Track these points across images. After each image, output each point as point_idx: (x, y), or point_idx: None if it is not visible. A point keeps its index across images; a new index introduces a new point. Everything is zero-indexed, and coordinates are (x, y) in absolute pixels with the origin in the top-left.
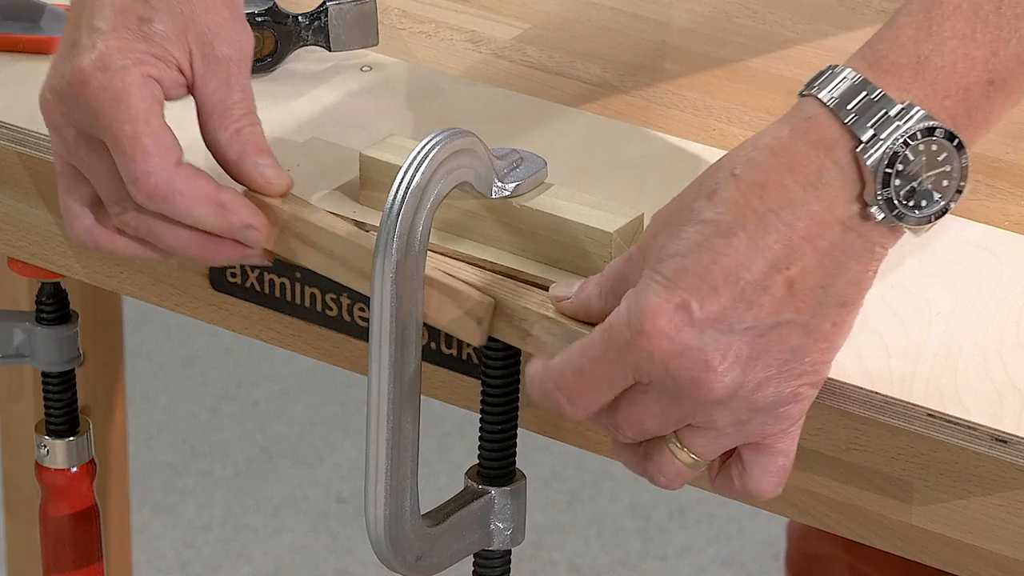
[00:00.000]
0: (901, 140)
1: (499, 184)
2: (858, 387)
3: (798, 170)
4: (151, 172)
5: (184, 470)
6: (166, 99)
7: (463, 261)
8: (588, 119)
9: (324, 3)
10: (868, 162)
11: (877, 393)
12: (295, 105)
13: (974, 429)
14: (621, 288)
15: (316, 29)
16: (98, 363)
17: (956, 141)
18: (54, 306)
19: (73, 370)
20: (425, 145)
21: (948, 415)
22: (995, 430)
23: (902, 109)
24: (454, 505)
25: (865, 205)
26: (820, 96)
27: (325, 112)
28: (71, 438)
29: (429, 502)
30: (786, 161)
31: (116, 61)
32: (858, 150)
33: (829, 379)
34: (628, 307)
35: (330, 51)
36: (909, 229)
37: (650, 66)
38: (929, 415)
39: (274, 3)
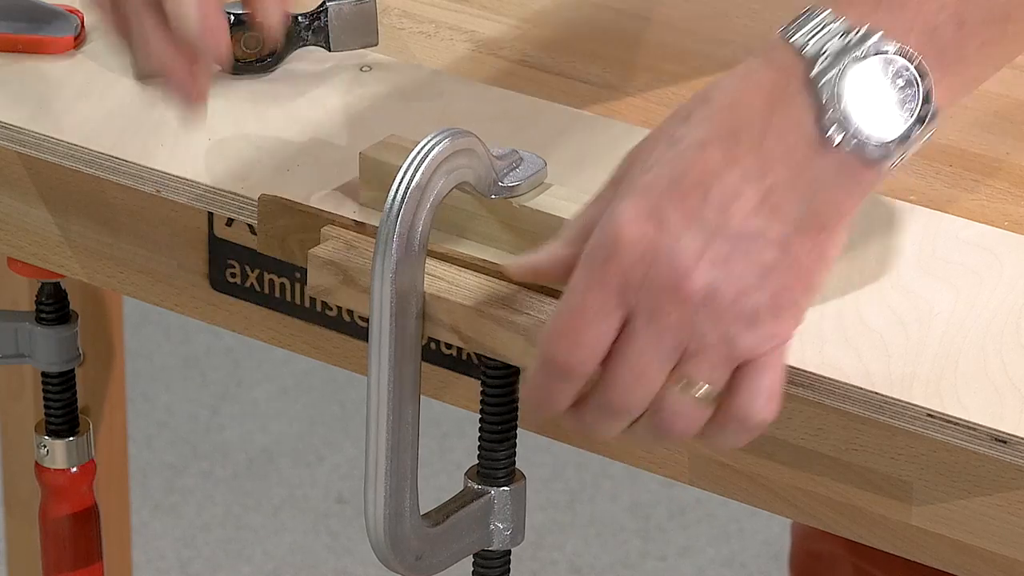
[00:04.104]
0: (853, 60)
1: (499, 184)
2: (858, 387)
3: (764, 93)
4: None
5: (184, 470)
6: None
7: (463, 262)
8: (588, 119)
9: (324, 3)
10: (821, 83)
11: (877, 393)
12: (295, 105)
13: (974, 429)
14: (592, 228)
15: (316, 29)
16: (98, 363)
17: (916, 62)
18: (54, 306)
19: (73, 370)
20: (425, 145)
21: (948, 415)
22: (995, 430)
23: (858, 33)
24: (454, 505)
25: (826, 126)
26: (786, 34)
27: (325, 112)
28: (71, 438)
29: (429, 502)
30: (753, 84)
31: None
32: (812, 73)
33: (829, 379)
34: (602, 225)
35: (330, 51)
36: (875, 157)
37: (650, 66)
38: (929, 415)
39: None
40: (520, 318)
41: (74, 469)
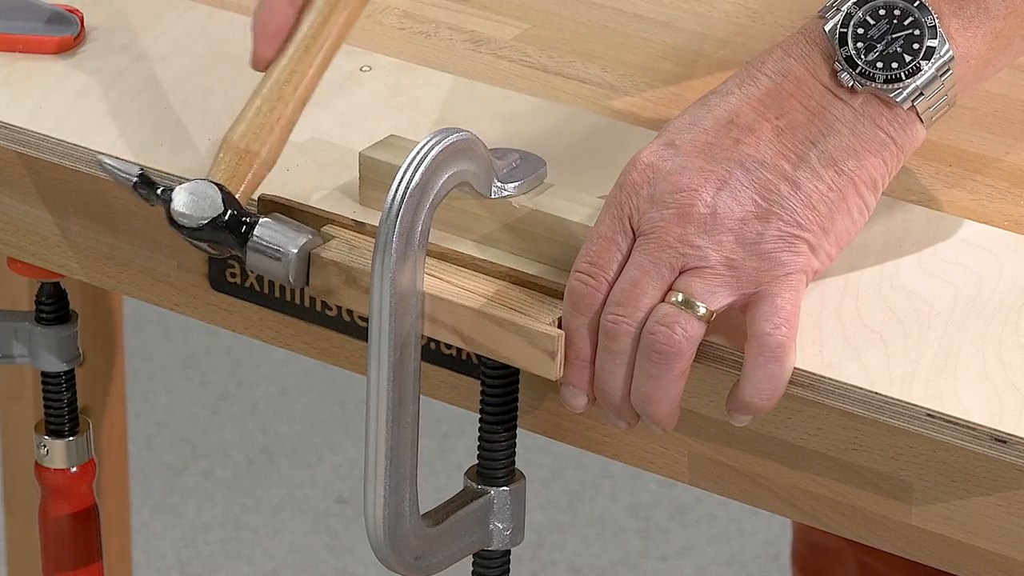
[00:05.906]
0: (855, 4)
1: (499, 184)
2: (858, 387)
3: (788, 48)
4: None
5: (184, 470)
6: None
7: (463, 262)
8: (588, 119)
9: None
10: (827, 28)
11: (877, 393)
12: None
13: (974, 429)
14: None
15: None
16: (98, 363)
17: (917, 3)
18: (54, 306)
19: (73, 370)
20: (425, 145)
21: (948, 415)
22: (995, 430)
23: None
24: (454, 505)
25: (836, 70)
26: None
27: (325, 112)
28: (71, 438)
29: (429, 502)
30: (781, 45)
31: None
32: (826, 28)
33: (829, 379)
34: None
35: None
36: (888, 96)
37: (650, 66)
38: (929, 415)
39: None
40: (520, 318)
41: (74, 469)
